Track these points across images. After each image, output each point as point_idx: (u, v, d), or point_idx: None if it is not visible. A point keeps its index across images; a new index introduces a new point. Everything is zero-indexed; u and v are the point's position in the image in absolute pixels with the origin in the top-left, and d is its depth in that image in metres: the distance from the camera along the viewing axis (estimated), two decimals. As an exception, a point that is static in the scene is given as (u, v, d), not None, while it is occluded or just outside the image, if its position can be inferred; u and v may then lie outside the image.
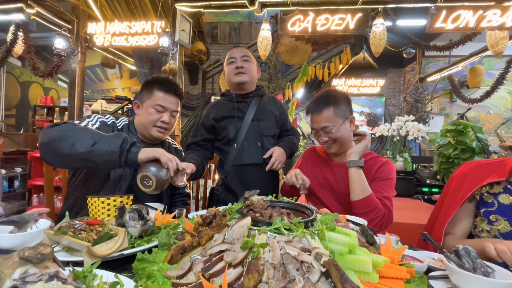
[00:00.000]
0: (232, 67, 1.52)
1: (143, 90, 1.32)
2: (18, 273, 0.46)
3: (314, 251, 0.53)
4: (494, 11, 2.59)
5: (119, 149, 0.98)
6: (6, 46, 3.51)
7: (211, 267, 0.53)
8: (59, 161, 1.04)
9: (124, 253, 0.71)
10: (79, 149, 0.96)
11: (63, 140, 0.96)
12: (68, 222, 0.75)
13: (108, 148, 0.97)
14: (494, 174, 0.96)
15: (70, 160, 1.00)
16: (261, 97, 1.60)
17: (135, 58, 4.98)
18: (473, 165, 1.05)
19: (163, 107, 1.28)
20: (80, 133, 0.99)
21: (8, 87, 5.67)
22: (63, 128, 1.00)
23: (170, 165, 1.03)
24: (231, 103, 1.56)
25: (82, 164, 1.11)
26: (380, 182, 1.24)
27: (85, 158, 0.98)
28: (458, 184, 1.04)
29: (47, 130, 1.01)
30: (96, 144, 0.97)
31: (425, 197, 3.47)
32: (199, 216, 0.77)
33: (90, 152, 0.96)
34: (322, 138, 1.28)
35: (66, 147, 0.96)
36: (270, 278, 0.48)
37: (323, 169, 1.37)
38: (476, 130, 2.99)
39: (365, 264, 0.52)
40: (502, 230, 0.90)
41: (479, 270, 0.66)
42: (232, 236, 0.60)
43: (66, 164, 1.16)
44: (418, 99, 5.60)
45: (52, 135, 0.98)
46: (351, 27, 2.88)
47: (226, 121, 1.52)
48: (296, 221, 0.59)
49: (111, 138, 1.00)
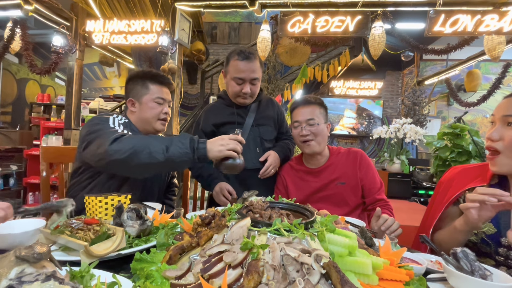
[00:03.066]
0: (238, 88, 1.42)
1: (135, 86, 1.31)
2: (14, 272, 0.46)
3: (314, 253, 0.53)
4: (492, 16, 2.61)
5: (191, 148, 1.02)
6: (3, 42, 3.48)
7: (210, 268, 0.53)
8: (140, 172, 1.08)
9: (122, 253, 0.70)
10: (157, 156, 0.99)
11: (138, 152, 0.99)
12: (65, 221, 0.74)
13: (180, 150, 1.01)
14: (477, 179, 0.98)
15: (151, 168, 1.04)
16: (260, 101, 1.57)
17: (133, 57, 4.95)
18: (459, 169, 1.08)
19: (163, 99, 1.31)
20: (149, 141, 1.02)
21: (4, 84, 5.61)
22: (131, 141, 1.02)
23: (238, 149, 1.06)
24: (230, 108, 1.52)
25: (161, 170, 1.19)
26: (377, 194, 1.30)
27: (164, 165, 1.01)
28: (445, 188, 1.06)
29: (113, 147, 1.00)
30: (169, 149, 1.00)
31: (421, 199, 3.49)
32: (198, 217, 0.76)
33: (168, 157, 0.99)
34: (304, 131, 1.32)
35: (144, 158, 0.99)
36: (270, 279, 0.48)
37: (306, 179, 1.40)
38: (472, 133, 3.02)
39: (365, 266, 0.52)
40: (487, 232, 0.91)
41: (477, 273, 0.66)
42: (231, 237, 0.60)
43: (146, 173, 1.17)
44: (415, 102, 5.64)
45: (125, 149, 0.99)
46: (351, 29, 2.89)
47: (226, 127, 1.49)
48: (296, 222, 0.59)
49: (178, 140, 1.03)
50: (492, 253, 0.90)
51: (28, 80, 6.15)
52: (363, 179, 1.31)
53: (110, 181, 1.21)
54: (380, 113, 6.57)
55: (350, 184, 1.31)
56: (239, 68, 1.37)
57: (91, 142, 1.09)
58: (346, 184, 1.31)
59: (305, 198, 1.37)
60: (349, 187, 1.31)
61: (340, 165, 1.35)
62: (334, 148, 1.44)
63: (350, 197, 1.31)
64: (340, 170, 1.34)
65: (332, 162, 1.38)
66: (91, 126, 1.15)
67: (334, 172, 1.34)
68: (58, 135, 4.11)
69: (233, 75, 1.40)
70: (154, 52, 4.20)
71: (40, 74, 3.50)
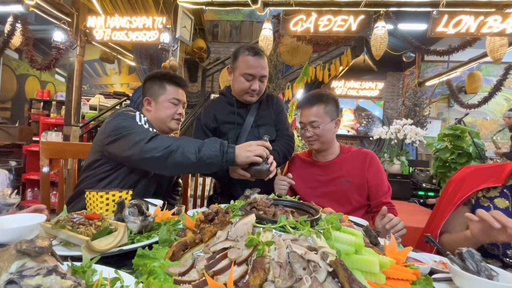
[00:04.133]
0: (247, 84, 1.37)
1: (153, 86, 1.36)
2: (15, 266, 0.44)
3: (320, 250, 0.52)
4: (495, 17, 2.61)
5: (220, 152, 1.07)
6: (4, 37, 3.45)
7: (215, 264, 0.52)
8: (171, 171, 1.19)
9: (124, 248, 0.69)
10: (190, 156, 1.06)
11: (173, 151, 1.06)
12: (67, 216, 0.73)
13: (211, 153, 1.07)
14: (491, 179, 0.96)
15: (183, 168, 1.11)
16: (261, 102, 1.53)
17: (134, 54, 4.94)
18: (472, 169, 1.06)
19: (178, 100, 1.36)
20: (183, 142, 1.09)
21: (4, 80, 5.59)
22: (166, 140, 1.09)
23: (264, 154, 1.12)
24: (230, 107, 1.48)
25: (192, 170, 1.23)
26: (384, 198, 1.30)
27: (196, 165, 1.08)
28: (455, 188, 1.04)
29: (150, 145, 1.08)
30: (201, 150, 1.07)
31: (420, 200, 3.49)
32: (201, 213, 0.75)
33: (200, 158, 1.06)
34: (308, 133, 1.33)
35: (178, 157, 1.06)
36: (276, 276, 0.47)
37: (312, 171, 1.40)
38: (473, 135, 3.02)
39: (372, 265, 0.51)
40: None
41: (483, 273, 0.65)
42: (236, 234, 0.59)
43: (177, 172, 1.25)
44: (416, 103, 5.64)
45: (162, 148, 1.07)
46: (353, 29, 2.88)
47: (226, 126, 1.47)
48: (302, 220, 0.58)
49: (210, 143, 1.09)
50: (500, 255, 0.89)
51: (28, 76, 6.12)
52: (371, 180, 1.30)
53: (130, 175, 1.24)
54: (380, 113, 6.57)
55: (356, 183, 1.30)
56: (250, 63, 1.35)
57: (122, 137, 1.13)
58: (351, 182, 1.30)
59: (307, 190, 1.36)
60: (354, 186, 1.30)
61: (348, 163, 1.34)
62: (346, 146, 1.43)
63: (354, 196, 1.30)
64: (347, 167, 1.33)
65: (340, 159, 1.37)
66: (118, 121, 1.18)
67: (341, 169, 1.34)
68: (57, 131, 4.09)
69: (243, 71, 1.36)
70: (155, 50, 4.19)
71: (40, 69, 3.48)
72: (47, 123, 4.38)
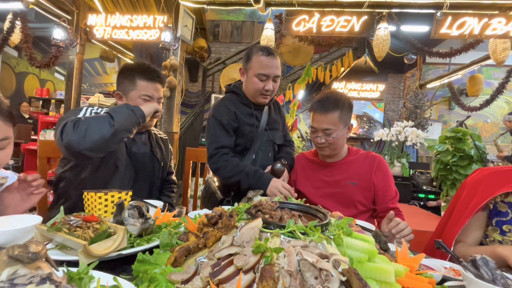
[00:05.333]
0: (261, 85, 1.34)
1: (123, 80, 1.25)
2: (6, 274, 0.41)
3: (332, 258, 0.49)
4: (499, 19, 2.59)
5: (129, 110, 1.07)
6: (3, 35, 3.42)
7: (220, 272, 0.48)
8: (99, 148, 1.04)
9: (123, 253, 0.66)
10: (105, 129, 1.00)
11: (86, 130, 0.98)
12: (63, 218, 0.70)
13: (124, 115, 1.05)
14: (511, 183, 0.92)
15: (106, 142, 1.02)
16: (270, 105, 1.52)
17: (135, 52, 4.90)
18: (489, 171, 1.01)
19: (149, 96, 1.23)
20: (91, 121, 1.02)
21: (3, 78, 5.55)
22: (81, 123, 1.01)
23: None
24: (248, 108, 1.43)
25: (117, 141, 1.10)
26: (391, 203, 1.27)
27: (116, 133, 1.02)
28: (471, 191, 1.00)
29: (63, 134, 1.00)
30: (114, 118, 1.02)
31: (421, 203, 3.47)
32: (204, 216, 0.72)
33: (118, 127, 1.01)
34: (319, 140, 1.27)
35: (95, 134, 0.99)
36: (287, 286, 0.44)
37: (318, 172, 1.37)
38: (474, 138, 2.99)
39: (387, 274, 0.48)
40: None
41: (499, 282, 0.62)
42: (241, 239, 0.56)
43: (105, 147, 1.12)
44: (417, 105, 5.63)
45: (78, 130, 0.99)
46: (356, 30, 2.86)
47: (246, 128, 1.40)
48: (312, 225, 0.55)
49: (117, 110, 1.06)
50: None
51: (27, 74, 6.08)
52: (377, 184, 1.27)
53: (98, 171, 1.18)
54: (381, 116, 6.55)
55: (362, 186, 1.27)
56: (264, 64, 1.32)
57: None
58: (357, 185, 1.27)
59: (312, 190, 1.33)
60: (360, 189, 1.27)
61: (355, 165, 1.31)
62: (354, 148, 1.40)
63: (359, 199, 1.27)
64: (354, 170, 1.30)
65: (347, 160, 1.34)
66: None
67: (348, 171, 1.31)
68: (56, 130, 4.05)
69: (257, 71, 1.33)
70: (155, 49, 4.16)
71: (40, 67, 3.45)
72: (45, 122, 4.34)
